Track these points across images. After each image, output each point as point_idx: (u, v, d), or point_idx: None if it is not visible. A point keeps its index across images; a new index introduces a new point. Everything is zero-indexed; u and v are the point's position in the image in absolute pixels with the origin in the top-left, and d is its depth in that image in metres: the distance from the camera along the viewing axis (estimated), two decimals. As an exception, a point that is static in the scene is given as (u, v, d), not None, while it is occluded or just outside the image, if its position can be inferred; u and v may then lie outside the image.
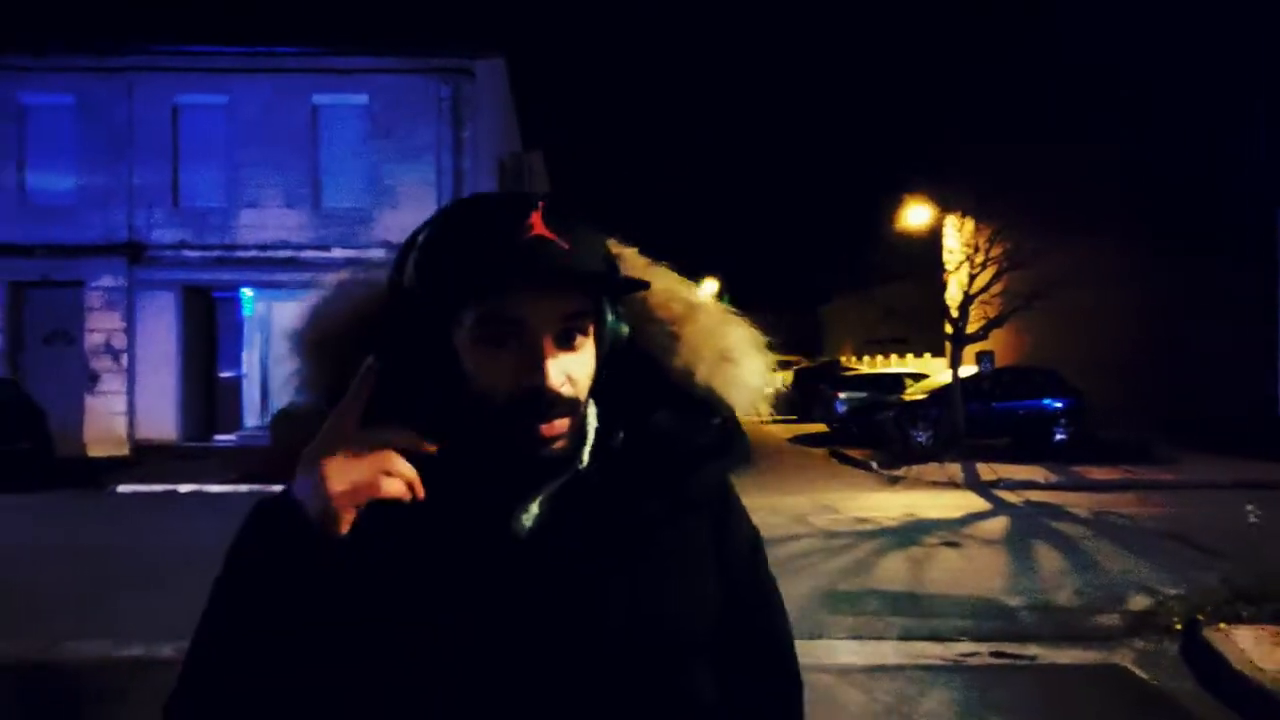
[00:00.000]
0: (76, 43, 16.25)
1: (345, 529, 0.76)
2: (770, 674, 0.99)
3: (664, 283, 0.95)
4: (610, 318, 0.86)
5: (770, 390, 0.98)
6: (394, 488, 0.76)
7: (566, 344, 0.81)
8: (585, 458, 0.87)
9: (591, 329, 0.84)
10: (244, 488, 12.24)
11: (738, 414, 0.94)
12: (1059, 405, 16.56)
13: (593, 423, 0.89)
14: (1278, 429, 14.51)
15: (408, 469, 0.76)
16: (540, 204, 0.81)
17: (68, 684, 4.78)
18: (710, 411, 0.92)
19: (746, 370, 0.94)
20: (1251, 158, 15.42)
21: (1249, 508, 7.88)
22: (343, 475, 0.75)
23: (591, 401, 0.88)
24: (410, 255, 0.85)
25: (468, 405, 0.82)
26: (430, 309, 0.82)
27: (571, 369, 0.82)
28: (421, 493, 0.77)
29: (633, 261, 0.95)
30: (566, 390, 0.81)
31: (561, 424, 0.81)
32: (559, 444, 0.82)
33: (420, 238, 0.86)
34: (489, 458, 0.82)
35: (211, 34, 16.51)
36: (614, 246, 0.92)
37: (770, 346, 0.98)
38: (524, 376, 0.79)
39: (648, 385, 0.91)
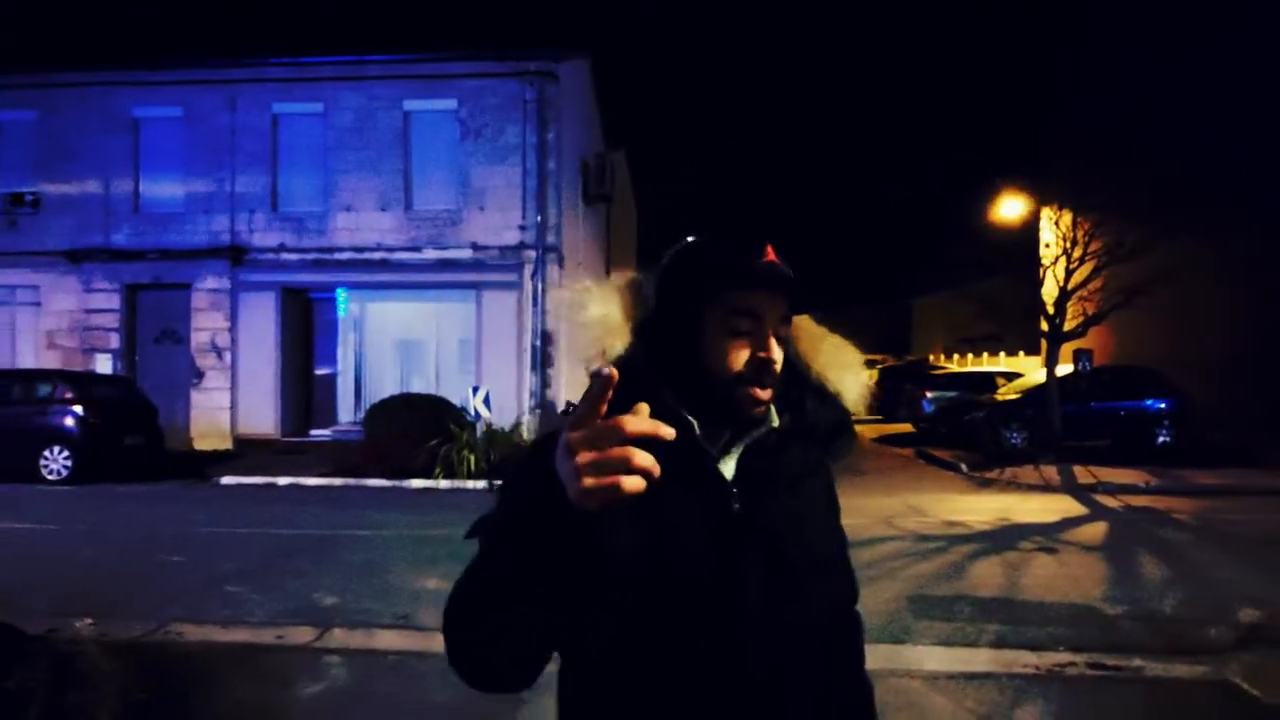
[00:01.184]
0: (185, 57, 17.15)
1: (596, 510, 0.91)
2: (845, 581, 1.28)
3: (806, 320, 1.34)
4: (786, 325, 1.21)
5: (868, 393, 1.33)
6: (633, 485, 0.87)
7: (779, 339, 1.17)
8: (776, 420, 1.22)
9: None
10: (338, 481, 12.71)
11: (849, 406, 1.31)
12: (1161, 406, 15.79)
13: (773, 404, 1.21)
14: None
15: (647, 460, 0.87)
16: (769, 244, 1.17)
17: (175, 665, 5.05)
18: (837, 405, 1.29)
19: (860, 379, 1.32)
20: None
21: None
22: (592, 473, 0.87)
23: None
24: (668, 271, 1.21)
25: (702, 379, 1.15)
26: (687, 307, 1.16)
27: (779, 354, 1.16)
28: (658, 475, 0.88)
29: (803, 320, 1.34)
30: (776, 368, 1.15)
31: (768, 392, 1.15)
32: (760, 409, 1.16)
33: (669, 261, 1.21)
34: (714, 416, 1.15)
35: (308, 45, 17.19)
36: None
37: (859, 347, 1.35)
38: (758, 351, 1.14)
39: (801, 384, 1.27)
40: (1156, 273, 14.26)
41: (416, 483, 12.54)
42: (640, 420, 0.87)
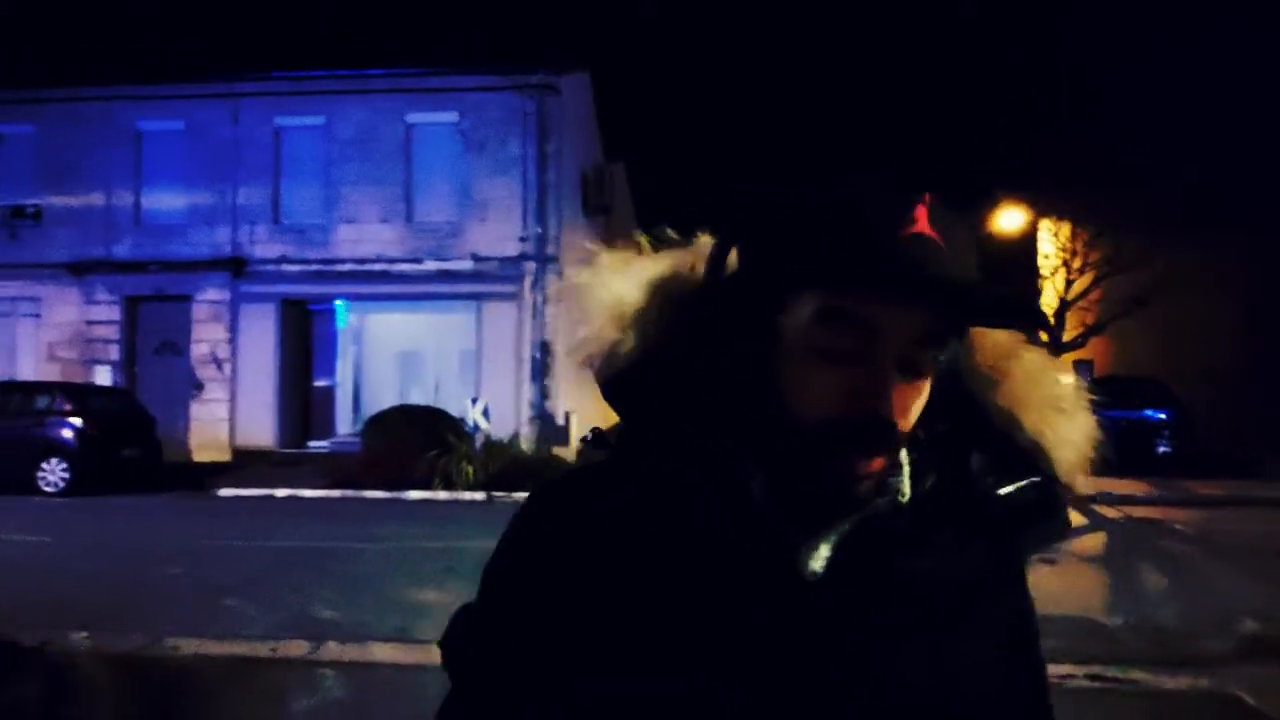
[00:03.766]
0: (187, 70, 17.23)
1: None
2: None
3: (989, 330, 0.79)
4: (954, 343, 0.73)
5: (1093, 455, 0.79)
6: None
7: (911, 370, 0.67)
8: (906, 488, 0.73)
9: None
10: (336, 493, 12.68)
11: (1059, 475, 0.78)
12: (1161, 417, 15.78)
13: (905, 455, 0.74)
14: None
15: None
16: (927, 197, 0.67)
17: (168, 679, 5.02)
18: (1031, 466, 0.77)
19: (1078, 427, 0.78)
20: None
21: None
22: None
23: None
24: (733, 242, 0.74)
25: (774, 422, 0.69)
26: (760, 290, 0.70)
27: (910, 401, 0.68)
28: None
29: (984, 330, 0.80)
30: (900, 422, 0.68)
31: (880, 462, 0.68)
32: (867, 484, 0.68)
33: (748, 212, 0.74)
34: (789, 488, 0.69)
35: (310, 59, 17.27)
36: None
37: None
38: (863, 398, 0.66)
39: (967, 426, 0.76)
40: (1155, 283, 14.29)
41: (414, 494, 12.51)
42: None
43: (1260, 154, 16.35)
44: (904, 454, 0.73)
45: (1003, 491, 0.75)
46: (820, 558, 0.69)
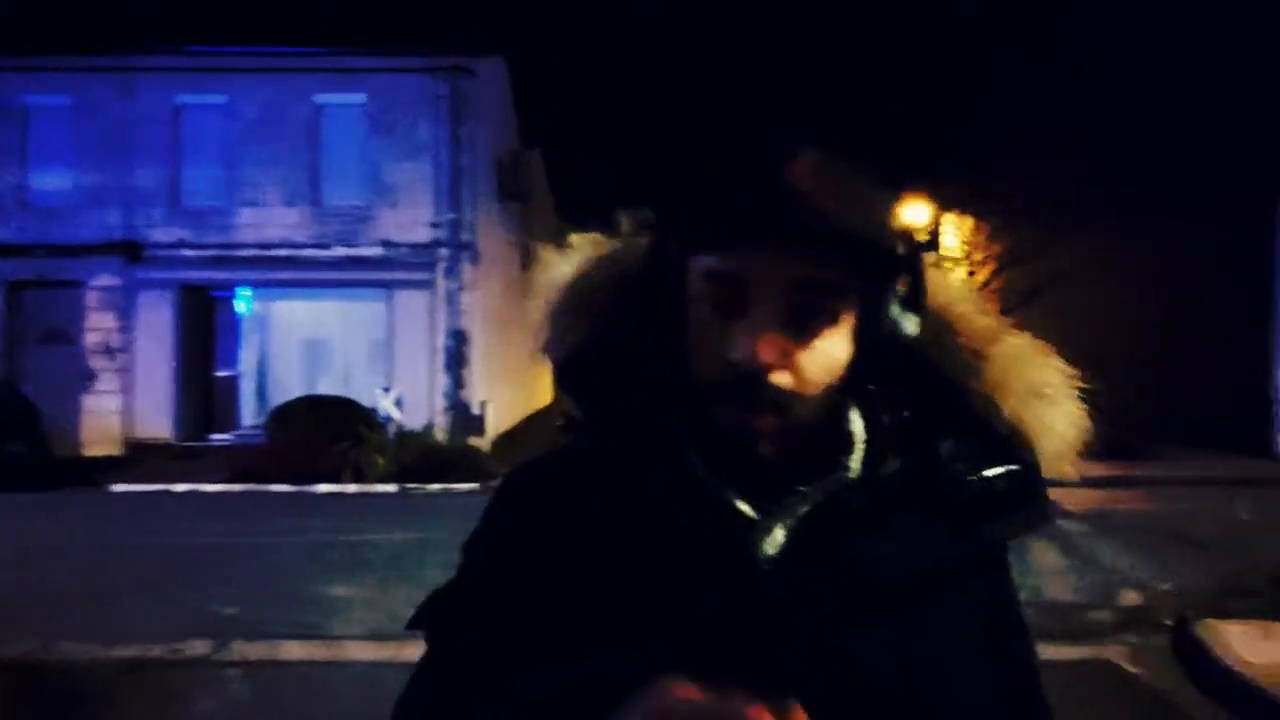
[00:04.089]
0: (77, 43, 16.25)
1: None
2: None
3: (967, 296, 0.80)
4: (894, 308, 0.70)
5: (1081, 445, 0.78)
6: None
7: (800, 322, 0.67)
8: (855, 467, 0.72)
9: (849, 321, 0.69)
10: (238, 487, 12.26)
11: (1039, 465, 0.76)
12: (1056, 402, 16.59)
13: (859, 434, 0.73)
14: (1269, 426, 14.55)
15: None
16: (816, 151, 0.68)
17: (59, 684, 4.80)
18: (1010, 453, 0.74)
19: (1062, 414, 0.76)
20: (1249, 155, 15.43)
21: (1239, 505, 7.93)
22: None
23: (857, 413, 0.74)
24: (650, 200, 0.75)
25: (684, 389, 0.70)
26: (665, 261, 0.71)
27: (800, 353, 0.67)
28: None
29: (934, 276, 0.77)
30: (782, 378, 0.66)
31: (770, 419, 0.67)
32: (764, 446, 0.68)
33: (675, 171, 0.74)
34: (695, 448, 0.70)
35: (213, 34, 16.52)
36: (928, 259, 0.77)
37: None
38: (735, 351, 0.66)
39: (939, 409, 0.75)
40: (1051, 274, 15.04)
41: (324, 487, 12.21)
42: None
43: (1148, 149, 17.32)
44: (859, 431, 0.73)
45: (972, 478, 0.73)
46: (774, 541, 0.68)
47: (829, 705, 0.63)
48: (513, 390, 18.68)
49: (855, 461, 0.72)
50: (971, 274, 16.05)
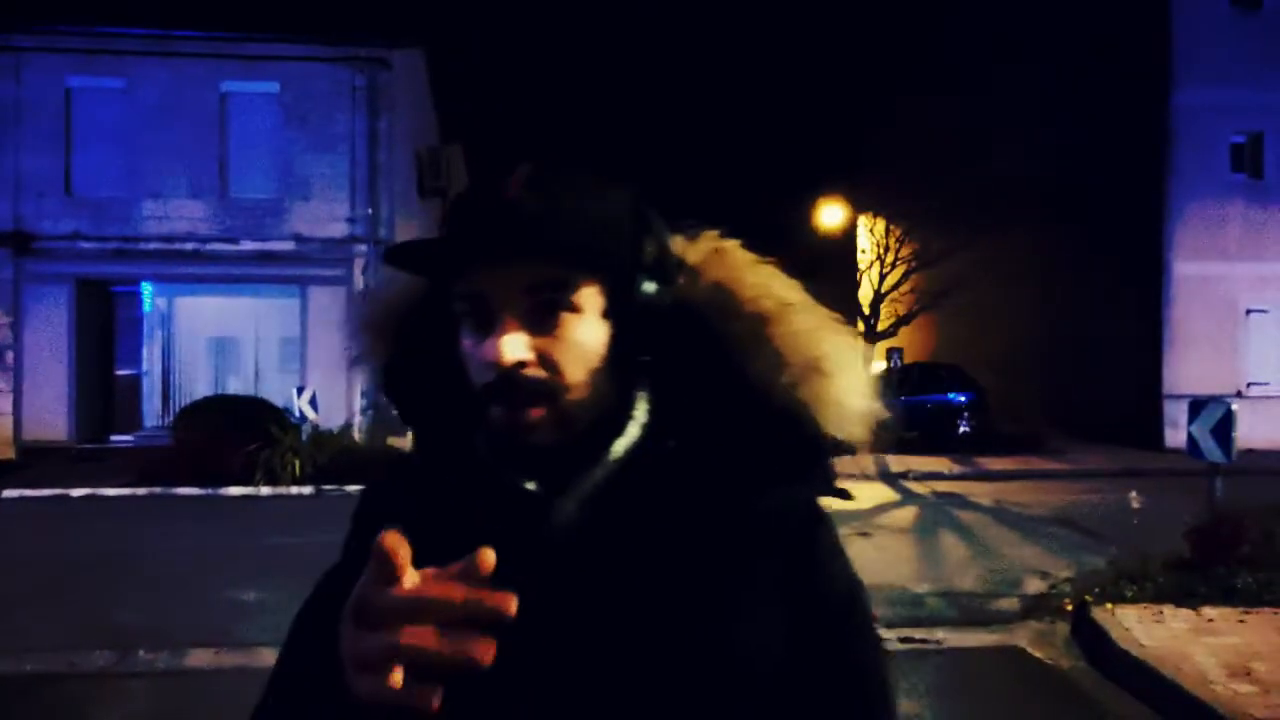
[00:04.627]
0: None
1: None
2: None
3: (758, 278, 0.83)
4: (646, 290, 0.76)
5: (870, 412, 0.80)
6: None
7: (542, 321, 0.73)
8: (618, 450, 0.76)
9: (596, 305, 0.75)
10: (142, 490, 11.72)
11: (823, 434, 0.78)
12: (963, 399, 17.24)
13: (639, 416, 0.78)
14: (1159, 420, 15.43)
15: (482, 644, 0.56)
16: (530, 165, 0.74)
17: (-51, 700, 4.51)
18: (790, 427, 0.77)
19: (840, 386, 0.78)
20: (1142, 160, 16.30)
21: (1132, 494, 8.39)
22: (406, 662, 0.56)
23: (644, 395, 0.80)
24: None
25: (463, 395, 0.77)
26: (434, 288, 0.79)
27: (551, 348, 0.73)
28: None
29: (732, 256, 0.84)
30: (534, 371, 0.72)
31: (534, 411, 0.72)
32: (535, 435, 0.73)
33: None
34: (479, 450, 0.77)
35: (109, 14, 15.69)
36: (712, 239, 0.85)
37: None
38: (491, 357, 0.72)
39: (719, 388, 0.78)
40: (957, 277, 15.61)
41: (234, 490, 11.76)
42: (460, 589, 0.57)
43: (1046, 157, 18.12)
44: (640, 413, 0.78)
45: (749, 451, 0.76)
46: (566, 517, 0.73)
47: (613, 666, 0.69)
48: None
49: (621, 445, 0.76)
50: (883, 276, 16.52)
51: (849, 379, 0.79)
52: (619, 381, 0.77)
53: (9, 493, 11.65)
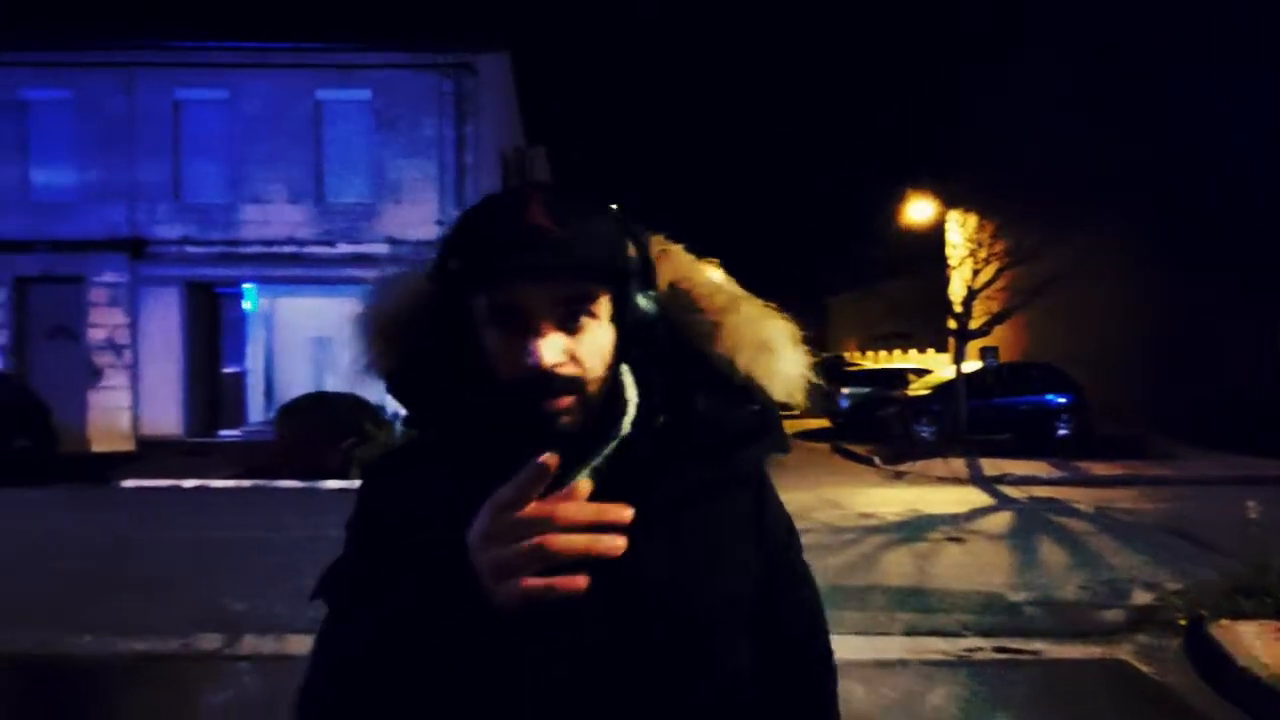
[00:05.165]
0: (77, 37, 16.25)
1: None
2: (801, 653, 1.02)
3: (706, 277, 1.00)
4: (640, 300, 0.91)
5: (806, 381, 1.00)
6: (576, 584, 0.76)
7: (570, 326, 0.87)
8: (626, 427, 0.91)
9: (607, 311, 0.90)
10: (247, 483, 12.27)
11: (775, 402, 0.98)
12: (1061, 401, 16.57)
13: (633, 398, 0.94)
14: (1276, 424, 14.49)
15: (608, 543, 0.77)
16: (538, 194, 0.87)
17: (72, 678, 4.80)
18: (749, 398, 0.96)
19: (784, 361, 0.98)
20: (1255, 153, 15.36)
21: (1249, 503, 7.88)
22: (533, 567, 0.76)
23: (631, 381, 0.95)
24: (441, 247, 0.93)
25: (492, 384, 0.89)
26: (452, 296, 0.90)
27: (577, 349, 0.87)
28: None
29: (678, 258, 1.01)
30: (568, 369, 0.86)
31: (565, 400, 0.87)
32: (566, 419, 0.87)
33: (448, 231, 0.93)
34: (509, 435, 0.87)
35: (213, 29, 16.50)
36: (660, 243, 1.00)
37: (805, 340, 1.02)
38: (527, 358, 0.85)
39: (691, 372, 0.96)
40: (1055, 274, 14.97)
41: (331, 484, 12.20)
42: (583, 507, 0.77)
43: (1153, 147, 17.26)
44: (633, 397, 0.93)
45: (720, 421, 0.94)
46: (584, 488, 0.82)
47: (624, 600, 0.85)
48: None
49: (628, 422, 0.92)
50: (976, 272, 15.97)
51: (790, 355, 0.98)
52: (617, 374, 0.93)
53: (128, 482, 12.37)
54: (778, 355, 0.97)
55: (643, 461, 0.90)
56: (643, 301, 0.92)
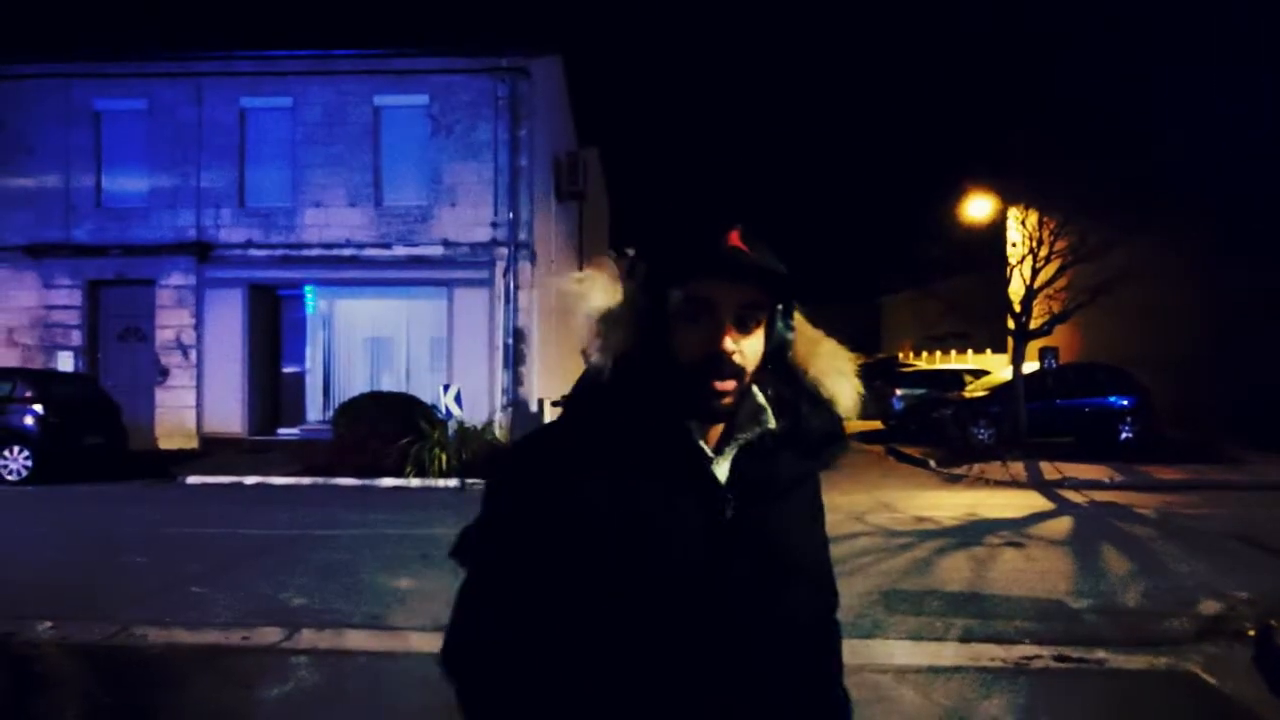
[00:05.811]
0: (148, 49, 16.84)
1: None
2: (828, 598, 1.34)
3: (800, 316, 1.26)
4: (780, 324, 1.17)
5: (860, 401, 1.28)
6: None
7: (742, 327, 1.11)
8: (771, 421, 1.18)
9: (763, 324, 1.14)
10: (306, 480, 12.57)
11: (842, 417, 1.26)
12: (1124, 403, 16.08)
13: (763, 401, 1.20)
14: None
15: None
16: (739, 226, 1.13)
17: (138, 668, 4.97)
18: (830, 410, 1.24)
19: (850, 385, 1.26)
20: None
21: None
22: None
23: (757, 388, 1.19)
24: (638, 255, 1.18)
25: (670, 370, 1.11)
26: (654, 291, 1.12)
27: (743, 346, 1.11)
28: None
29: (799, 322, 1.26)
30: (738, 359, 1.10)
31: (730, 384, 1.10)
32: (727, 400, 1.11)
33: (641, 244, 1.19)
34: (681, 407, 1.11)
35: (276, 38, 16.94)
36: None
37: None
38: (709, 342, 1.09)
39: (797, 386, 1.23)
40: (1119, 272, 14.53)
41: (387, 481, 12.44)
42: None
43: (1219, 144, 16.65)
44: (766, 402, 1.19)
45: (814, 427, 1.21)
46: (722, 468, 1.15)
47: (766, 555, 1.15)
48: (569, 387, 18.74)
49: (770, 419, 1.18)
50: (1036, 270, 15.56)
51: (855, 380, 1.27)
52: (757, 376, 1.17)
53: (192, 479, 12.77)
54: (846, 380, 1.25)
55: (768, 450, 1.17)
56: (784, 326, 1.18)
